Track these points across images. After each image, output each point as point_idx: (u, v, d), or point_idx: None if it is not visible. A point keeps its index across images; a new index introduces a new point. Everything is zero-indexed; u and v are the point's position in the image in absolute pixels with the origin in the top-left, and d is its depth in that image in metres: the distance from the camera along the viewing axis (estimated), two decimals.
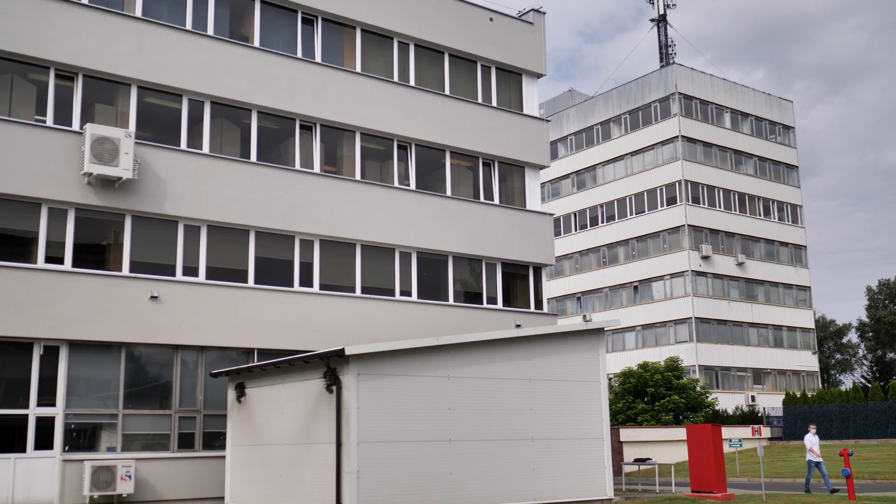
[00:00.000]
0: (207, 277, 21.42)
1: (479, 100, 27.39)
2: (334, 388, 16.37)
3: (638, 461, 26.55)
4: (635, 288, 59.89)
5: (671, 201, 58.25)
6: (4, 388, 18.80)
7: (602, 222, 62.78)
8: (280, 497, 17.60)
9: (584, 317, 59.88)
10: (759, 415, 49.45)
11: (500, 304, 26.53)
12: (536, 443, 18.37)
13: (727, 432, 35.50)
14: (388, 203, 24.65)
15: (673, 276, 57.50)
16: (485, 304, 26.23)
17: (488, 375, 18.05)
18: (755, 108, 63.53)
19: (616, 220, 61.80)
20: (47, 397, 19.03)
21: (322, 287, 23.23)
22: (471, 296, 26.26)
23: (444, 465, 17.02)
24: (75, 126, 20.23)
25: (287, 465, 17.61)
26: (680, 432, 34.44)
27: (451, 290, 25.67)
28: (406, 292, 24.76)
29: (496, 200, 27.12)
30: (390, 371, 16.78)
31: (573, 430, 19.00)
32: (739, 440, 25.15)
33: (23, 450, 18.57)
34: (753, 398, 55.49)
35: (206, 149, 21.96)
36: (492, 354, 18.26)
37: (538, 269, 27.76)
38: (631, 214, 60.81)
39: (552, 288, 62.34)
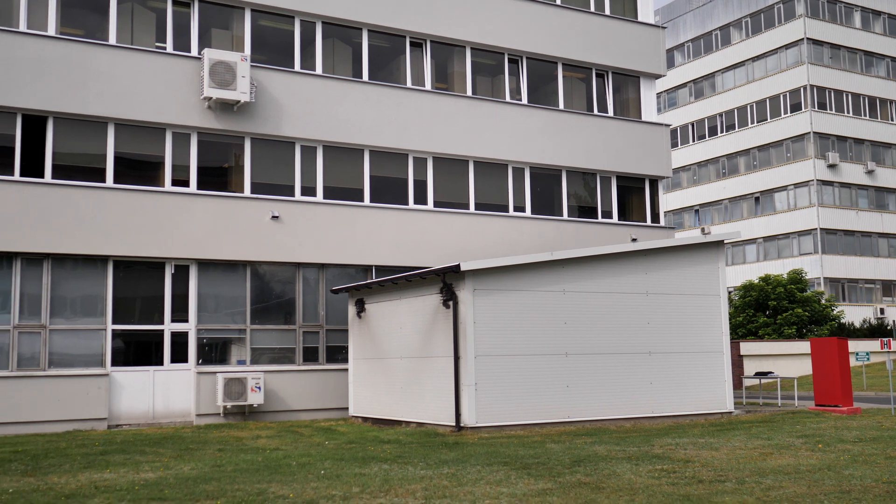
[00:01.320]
0: (325, 197, 21.93)
1: (592, 8, 26.60)
2: (451, 303, 16.64)
3: (759, 375, 26.12)
4: (756, 199, 57.96)
5: (795, 108, 55.62)
6: (141, 306, 19.92)
7: (721, 132, 60.65)
8: (401, 408, 18.20)
9: (703, 230, 58.54)
10: (889, 328, 47.67)
11: (615, 219, 26.20)
12: (654, 356, 18.29)
13: (854, 346, 34.43)
14: (499, 118, 24.47)
15: (797, 186, 55.30)
16: (600, 219, 25.96)
17: (604, 290, 17.97)
18: (888, 5, 59.44)
19: (736, 129, 59.57)
20: (180, 314, 20.09)
21: (436, 204, 23.44)
22: (585, 210, 26.01)
23: (561, 378, 17.19)
24: (193, 51, 20.77)
25: (407, 378, 18.14)
26: (803, 346, 33.66)
27: (566, 205, 25.48)
28: (520, 208, 24.73)
29: (610, 113, 26.53)
30: (505, 286, 16.92)
31: (692, 344, 18.82)
32: (867, 354, 24.34)
33: (160, 363, 19.75)
34: (882, 311, 53.44)
35: (318, 70, 22.20)
36: (608, 269, 18.14)
37: (654, 181, 27.18)
38: (752, 123, 58.47)
39: (669, 201, 61.03)
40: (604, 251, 18.22)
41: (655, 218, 27.01)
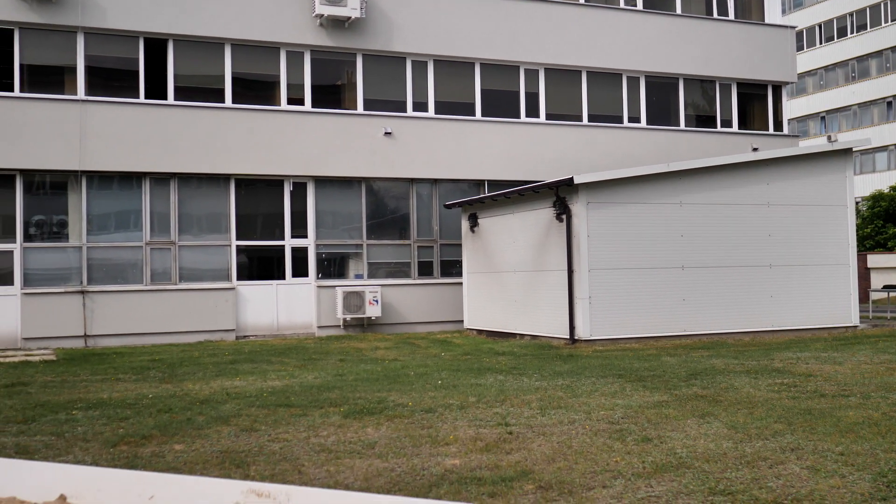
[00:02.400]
0: (436, 112, 21.93)
1: None
2: (564, 216, 16.55)
3: (887, 288, 25.12)
4: (889, 104, 54.72)
5: None
6: (262, 222, 20.61)
7: (851, 32, 57.13)
8: (515, 321, 18.40)
9: (829, 137, 55.82)
10: None
11: (735, 127, 25.27)
12: (775, 269, 17.80)
13: None
14: (613, 26, 23.73)
15: None
16: (719, 128, 25.09)
17: (723, 201, 17.49)
18: None
19: (868, 29, 55.98)
20: (299, 230, 20.70)
21: (548, 117, 23.13)
22: (703, 119, 25.17)
23: (677, 292, 16.98)
24: None
25: (520, 291, 18.27)
26: None
27: (683, 115, 24.71)
28: (634, 118, 24.13)
29: (731, 15, 25.33)
30: (620, 199, 16.68)
31: (815, 256, 18.20)
32: None
33: (282, 277, 20.49)
34: None
35: None
36: (727, 179, 17.61)
37: (778, 87, 25.98)
38: (886, 22, 54.79)
39: (793, 108, 58.30)
40: (723, 161, 17.67)
41: (778, 126, 25.91)
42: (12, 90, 18.49)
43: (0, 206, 18.34)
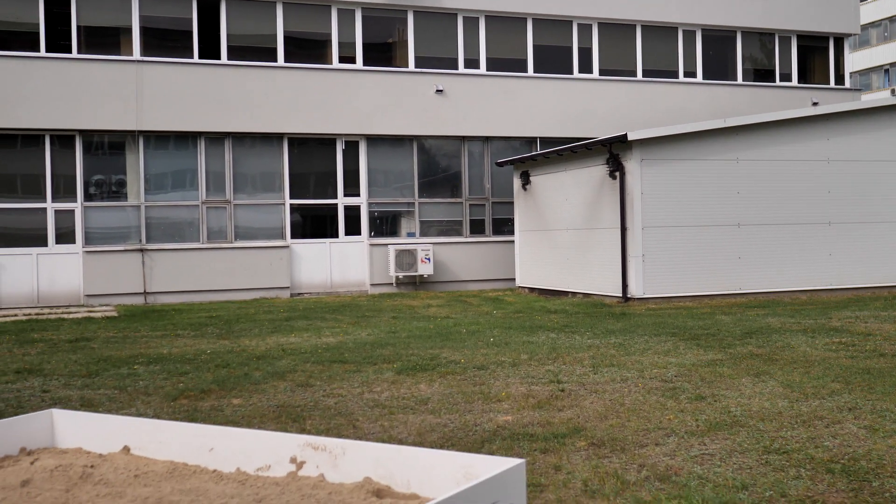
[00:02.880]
0: (488, 69, 21.75)
1: None
2: (617, 174, 16.38)
3: None
4: None
5: None
6: (315, 181, 20.76)
7: None
8: (567, 279, 18.34)
9: (893, 91, 54.17)
10: None
11: (794, 81, 24.64)
12: (834, 227, 17.43)
13: None
14: None
15: None
16: (777, 82, 24.48)
17: (781, 157, 17.13)
18: None
19: None
20: (352, 188, 20.81)
21: (601, 73, 22.78)
22: (761, 73, 24.57)
23: (732, 250, 16.75)
24: None
25: (573, 249, 18.18)
26: None
27: (740, 69, 24.14)
28: (690, 73, 23.65)
29: None
30: (675, 155, 16.43)
31: (876, 214, 17.77)
32: None
33: (335, 235, 20.66)
34: None
35: None
36: (785, 135, 17.22)
37: (839, 39, 25.20)
38: None
39: (855, 61, 56.54)
40: (782, 116, 17.26)
41: (840, 80, 25.19)
42: (70, 51, 18.78)
43: (61, 167, 18.74)
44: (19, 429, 5.37)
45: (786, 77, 24.65)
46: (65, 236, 18.66)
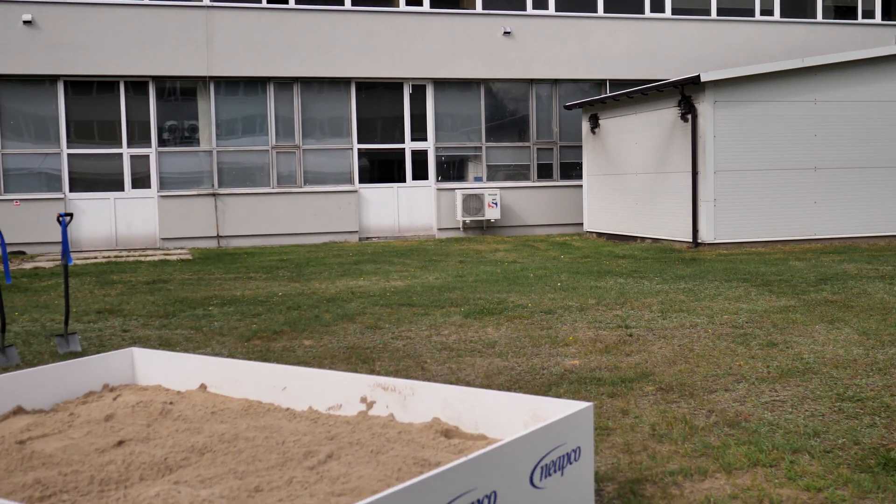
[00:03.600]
0: (557, 9, 21.33)
1: None
2: (689, 116, 16.02)
3: None
4: None
5: None
6: (383, 126, 20.79)
7: None
8: (635, 224, 18.13)
9: None
10: None
11: (877, 18, 23.61)
12: None
13: None
14: None
15: None
16: (859, 20, 23.49)
17: (861, 98, 16.51)
18: None
19: None
20: (419, 133, 20.79)
21: (674, 12, 22.15)
22: (842, 11, 23.59)
23: (808, 194, 16.31)
24: None
25: (642, 194, 17.93)
26: None
27: (820, 6, 23.21)
28: (767, 11, 22.84)
29: None
30: (749, 97, 15.98)
31: None
32: None
33: (403, 180, 20.73)
34: None
35: None
36: (867, 75, 16.57)
37: None
38: None
39: None
40: (863, 55, 16.60)
41: None
42: None
43: (135, 113, 19.12)
44: (102, 366, 5.59)
45: (868, 14, 23.63)
46: (140, 181, 19.11)
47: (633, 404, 5.53)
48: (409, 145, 20.73)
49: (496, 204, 20.33)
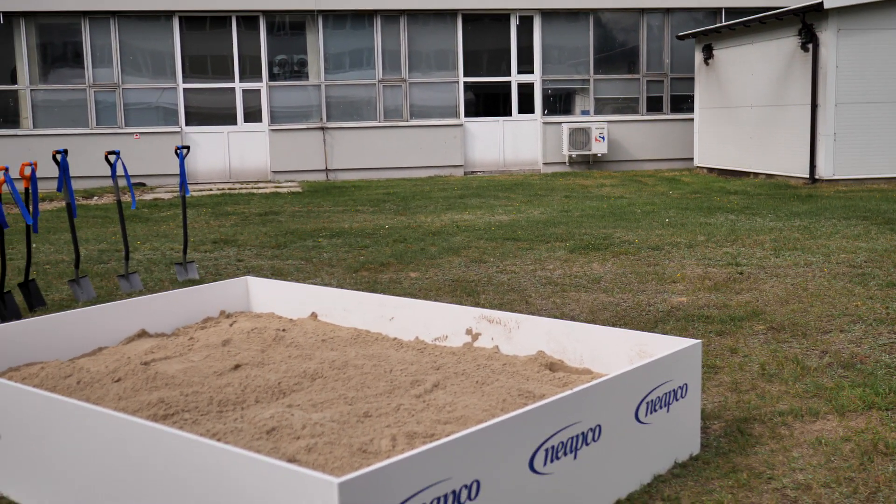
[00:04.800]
0: None
1: None
2: (810, 46, 15.27)
3: None
4: None
5: None
6: (489, 59, 20.57)
7: None
8: (749, 159, 17.53)
9: None
10: None
11: None
12: None
13: None
14: None
15: None
16: None
17: None
18: None
19: None
20: (525, 65, 20.49)
21: None
22: None
23: None
24: None
25: (756, 127, 17.28)
26: None
27: None
28: None
29: None
30: (876, 24, 15.08)
31: None
32: None
33: (508, 114, 20.55)
34: None
35: None
36: None
37: None
38: None
39: None
40: None
41: None
42: None
43: (246, 47, 19.46)
44: (219, 294, 5.82)
45: None
46: (252, 115, 19.54)
47: (742, 343, 5.43)
48: (515, 78, 20.47)
49: (603, 138, 19.96)
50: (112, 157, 7.65)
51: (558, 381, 4.01)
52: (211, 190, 17.53)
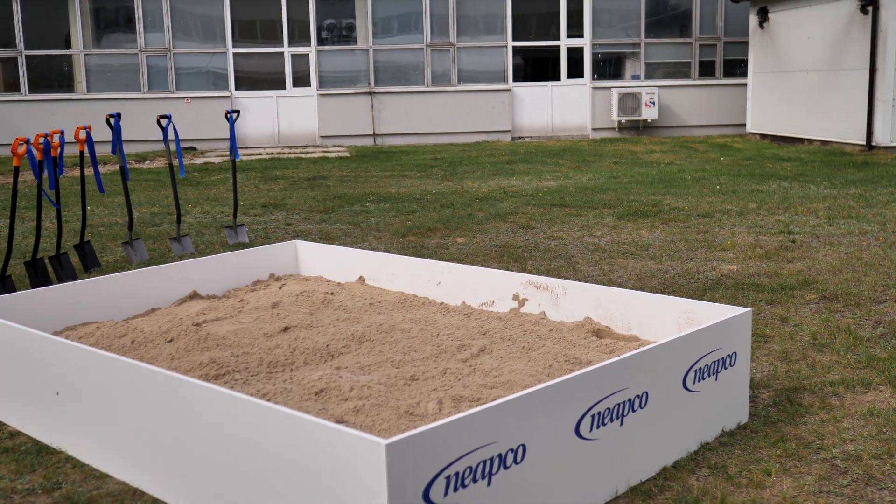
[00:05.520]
0: None
1: None
2: (869, 8, 14.83)
3: None
4: None
5: None
6: (537, 23, 20.32)
7: None
8: (803, 125, 17.14)
9: None
10: None
11: None
12: None
13: None
14: None
15: None
16: None
17: None
18: None
19: None
20: (575, 29, 20.20)
21: None
22: None
23: None
24: None
25: (812, 93, 16.88)
26: None
27: None
28: None
29: None
30: None
31: None
32: None
33: (557, 78, 20.32)
34: None
35: None
36: None
37: None
38: None
39: None
40: None
41: None
42: None
43: (295, 12, 19.46)
44: (269, 257, 5.89)
45: None
46: (301, 80, 19.59)
47: (793, 312, 5.35)
48: (564, 42, 20.21)
49: (654, 103, 19.66)
50: (164, 122, 7.75)
51: (605, 348, 4.00)
52: (260, 154, 17.68)
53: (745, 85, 19.74)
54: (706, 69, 20.59)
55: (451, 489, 2.54)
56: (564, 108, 20.32)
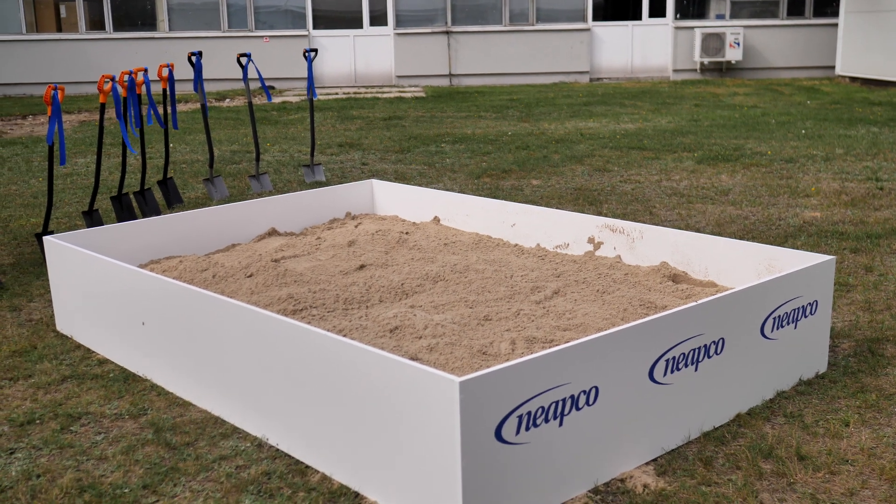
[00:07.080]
0: None
1: None
2: None
3: None
4: None
5: None
6: None
7: None
8: None
9: None
10: None
11: None
12: None
13: None
14: None
15: None
16: None
17: None
18: None
19: None
20: None
21: None
22: None
23: None
24: None
25: None
26: None
27: None
28: None
29: None
30: None
31: None
32: None
33: (638, 17, 19.78)
34: None
35: None
36: None
37: None
38: None
39: None
40: None
41: None
42: None
43: None
44: (345, 196, 5.95)
45: None
46: (378, 19, 19.49)
47: (878, 261, 5.20)
48: None
49: (738, 44, 19.02)
50: (244, 60, 7.82)
51: (681, 293, 3.95)
52: (336, 94, 17.74)
53: (836, 25, 18.92)
54: (795, 8, 19.79)
55: (522, 428, 2.57)
56: (645, 48, 19.82)
